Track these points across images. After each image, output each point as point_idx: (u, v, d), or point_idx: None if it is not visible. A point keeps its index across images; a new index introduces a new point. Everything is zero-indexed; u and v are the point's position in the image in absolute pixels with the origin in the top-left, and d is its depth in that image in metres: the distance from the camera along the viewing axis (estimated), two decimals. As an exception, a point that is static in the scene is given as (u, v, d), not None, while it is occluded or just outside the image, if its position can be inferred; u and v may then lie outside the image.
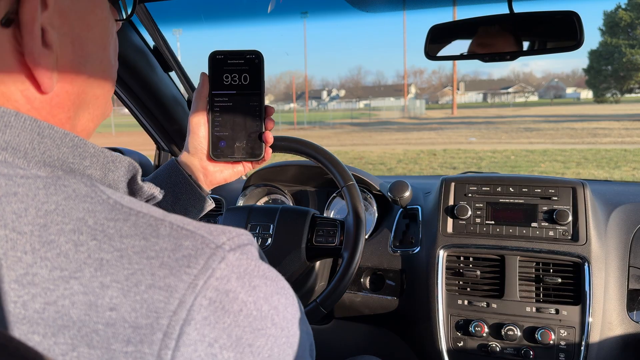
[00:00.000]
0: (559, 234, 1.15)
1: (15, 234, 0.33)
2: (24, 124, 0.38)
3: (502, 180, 1.22)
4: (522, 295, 1.12)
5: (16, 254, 0.32)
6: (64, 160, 0.41)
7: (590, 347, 1.06)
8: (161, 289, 0.33)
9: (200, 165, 0.77)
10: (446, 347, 1.16)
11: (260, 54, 0.74)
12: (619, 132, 16.19)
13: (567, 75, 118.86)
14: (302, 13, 1.45)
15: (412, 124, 28.20)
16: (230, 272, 0.35)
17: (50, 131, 0.40)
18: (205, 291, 0.34)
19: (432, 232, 1.23)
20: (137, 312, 0.32)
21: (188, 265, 0.34)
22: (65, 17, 0.41)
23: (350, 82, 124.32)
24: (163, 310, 0.33)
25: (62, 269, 0.32)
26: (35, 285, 0.32)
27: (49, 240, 0.33)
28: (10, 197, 0.34)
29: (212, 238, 0.36)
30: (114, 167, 0.46)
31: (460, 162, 10.18)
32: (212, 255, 0.35)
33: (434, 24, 1.06)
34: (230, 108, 0.74)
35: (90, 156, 0.43)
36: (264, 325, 0.36)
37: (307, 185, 1.54)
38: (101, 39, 0.46)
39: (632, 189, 1.35)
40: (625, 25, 32.94)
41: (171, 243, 0.35)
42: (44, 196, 0.34)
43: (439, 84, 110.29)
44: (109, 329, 0.32)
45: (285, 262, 1.14)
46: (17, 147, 0.38)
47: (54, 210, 0.34)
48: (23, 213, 0.33)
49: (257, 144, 0.75)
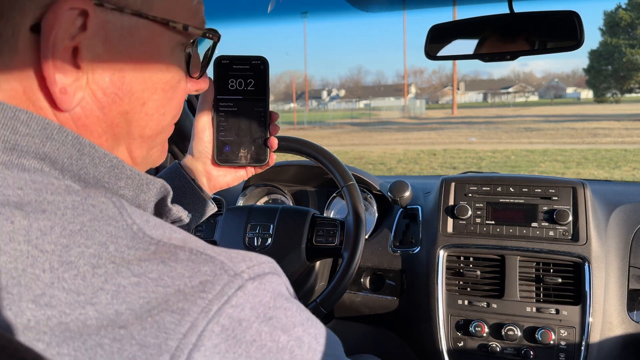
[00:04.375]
0: (559, 234, 1.15)
1: (37, 251, 0.32)
2: (65, 139, 0.38)
3: (503, 180, 1.22)
4: (523, 295, 1.12)
5: (34, 272, 0.32)
6: (99, 178, 0.41)
7: (591, 347, 1.06)
8: (173, 311, 0.32)
9: (204, 169, 0.77)
10: (446, 347, 1.15)
11: (265, 60, 0.74)
12: (619, 132, 16.19)
13: (567, 75, 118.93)
14: (302, 13, 1.45)
15: (412, 123, 28.20)
16: (246, 301, 0.34)
17: (91, 149, 0.40)
18: (219, 318, 0.33)
19: (432, 232, 1.23)
20: (147, 331, 0.32)
21: (203, 290, 0.33)
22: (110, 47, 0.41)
23: (350, 82, 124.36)
24: (173, 331, 0.32)
25: (78, 293, 0.32)
26: (52, 307, 0.31)
27: (68, 261, 0.33)
28: (39, 213, 0.33)
29: (231, 265, 0.36)
30: (147, 189, 0.46)
31: (460, 162, 10.18)
32: (229, 282, 0.34)
33: (434, 24, 1.06)
34: (235, 113, 0.74)
35: (126, 178, 0.43)
36: (279, 357, 0.35)
37: (307, 185, 1.54)
38: (152, 84, 0.45)
39: (633, 189, 1.35)
40: (626, 25, 32.93)
41: (189, 269, 0.34)
42: (71, 216, 0.34)
43: (439, 84, 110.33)
44: (115, 344, 0.31)
45: (285, 262, 1.14)
46: (55, 159, 0.38)
47: (78, 231, 0.34)
48: (48, 231, 0.33)
49: (262, 149, 0.75)
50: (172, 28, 0.45)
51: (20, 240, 0.32)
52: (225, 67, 0.74)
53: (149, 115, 0.47)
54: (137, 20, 0.42)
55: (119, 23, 0.41)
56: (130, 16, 0.41)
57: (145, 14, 0.42)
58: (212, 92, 0.74)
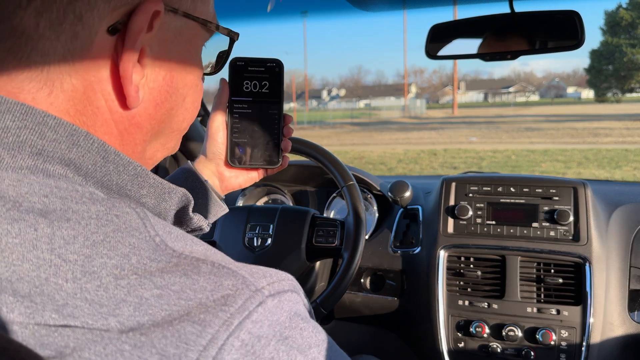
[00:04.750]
0: (560, 234, 1.14)
1: (60, 260, 0.32)
2: (91, 146, 0.39)
3: (503, 180, 1.22)
4: (523, 296, 1.12)
5: (57, 281, 0.32)
6: (122, 186, 0.41)
7: (591, 347, 1.06)
8: (195, 322, 0.32)
9: (217, 170, 0.77)
10: (447, 347, 1.15)
11: (280, 63, 0.74)
12: (620, 132, 16.18)
13: (568, 74, 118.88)
14: (302, 13, 1.45)
15: (412, 123, 28.20)
16: (265, 317, 0.35)
17: (115, 157, 0.40)
18: (239, 332, 0.33)
19: (432, 232, 1.23)
20: (167, 340, 0.32)
21: (225, 303, 0.34)
22: (165, 45, 0.44)
23: (350, 82, 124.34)
24: (194, 343, 0.32)
25: (101, 305, 0.32)
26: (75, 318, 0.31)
27: (91, 271, 0.32)
28: (63, 222, 0.33)
29: (252, 280, 0.36)
30: (169, 198, 0.46)
31: (461, 162, 10.18)
32: (250, 297, 0.35)
33: (434, 23, 1.06)
34: (249, 115, 0.74)
35: (148, 186, 0.43)
36: None
37: (307, 185, 1.54)
38: (190, 79, 0.48)
39: (633, 189, 1.34)
40: (626, 24, 32.92)
41: (211, 282, 0.34)
42: (94, 226, 0.34)
43: (439, 84, 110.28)
44: (135, 352, 0.31)
45: (285, 262, 1.14)
46: (80, 166, 0.38)
47: (101, 242, 0.34)
48: (72, 240, 0.33)
49: (275, 151, 0.75)
50: (208, 28, 0.49)
51: (43, 249, 0.32)
52: (241, 69, 0.74)
53: (187, 110, 0.50)
54: (186, 21, 0.45)
55: (172, 23, 0.44)
56: (181, 17, 0.44)
57: (192, 15, 0.45)
58: (226, 94, 0.74)
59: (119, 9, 0.39)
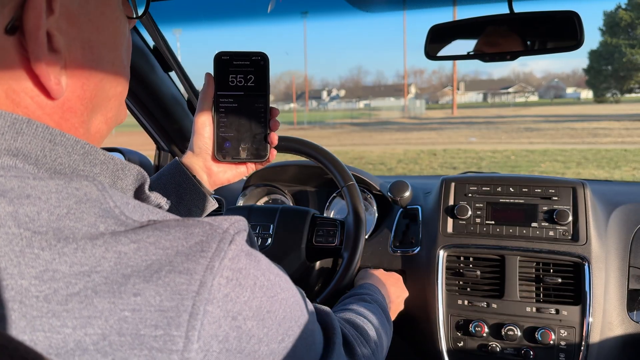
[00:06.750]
0: (559, 234, 1.15)
1: (31, 232, 0.33)
2: (35, 131, 0.38)
3: (502, 180, 1.22)
4: (522, 296, 1.12)
5: (33, 251, 0.32)
6: (75, 167, 0.41)
7: (591, 347, 1.06)
8: (181, 272, 0.35)
9: (205, 165, 0.77)
10: (446, 347, 1.15)
11: (265, 56, 0.74)
12: (619, 132, 16.18)
13: (567, 75, 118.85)
14: (302, 13, 1.45)
15: (412, 124, 28.19)
16: (240, 251, 0.39)
17: (62, 138, 0.40)
18: (222, 271, 0.36)
19: (432, 232, 1.23)
20: (162, 296, 0.34)
21: (202, 249, 0.36)
22: (74, 21, 0.41)
23: (350, 82, 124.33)
24: (186, 291, 0.34)
25: (82, 264, 0.33)
26: (57, 280, 0.32)
27: (64, 237, 0.33)
28: (23, 199, 0.33)
29: (217, 224, 0.39)
30: (123, 175, 0.46)
31: (460, 162, 10.18)
32: (222, 239, 0.38)
33: (434, 24, 1.06)
34: (235, 109, 0.74)
35: (100, 163, 0.43)
36: (275, 292, 0.41)
37: (307, 185, 1.54)
38: (112, 41, 0.46)
39: (633, 189, 1.35)
40: (626, 25, 32.94)
41: (182, 232, 0.37)
42: (56, 200, 0.34)
43: (439, 84, 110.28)
44: (136, 315, 0.33)
45: (285, 262, 1.14)
46: (29, 154, 0.38)
47: (65, 215, 0.34)
48: (36, 217, 0.33)
49: (262, 145, 0.75)
50: None
51: (10, 225, 0.32)
52: (226, 63, 0.74)
53: (117, 72, 0.48)
54: None
55: None
56: None
57: None
58: (212, 88, 0.74)
59: (7, 5, 0.36)
